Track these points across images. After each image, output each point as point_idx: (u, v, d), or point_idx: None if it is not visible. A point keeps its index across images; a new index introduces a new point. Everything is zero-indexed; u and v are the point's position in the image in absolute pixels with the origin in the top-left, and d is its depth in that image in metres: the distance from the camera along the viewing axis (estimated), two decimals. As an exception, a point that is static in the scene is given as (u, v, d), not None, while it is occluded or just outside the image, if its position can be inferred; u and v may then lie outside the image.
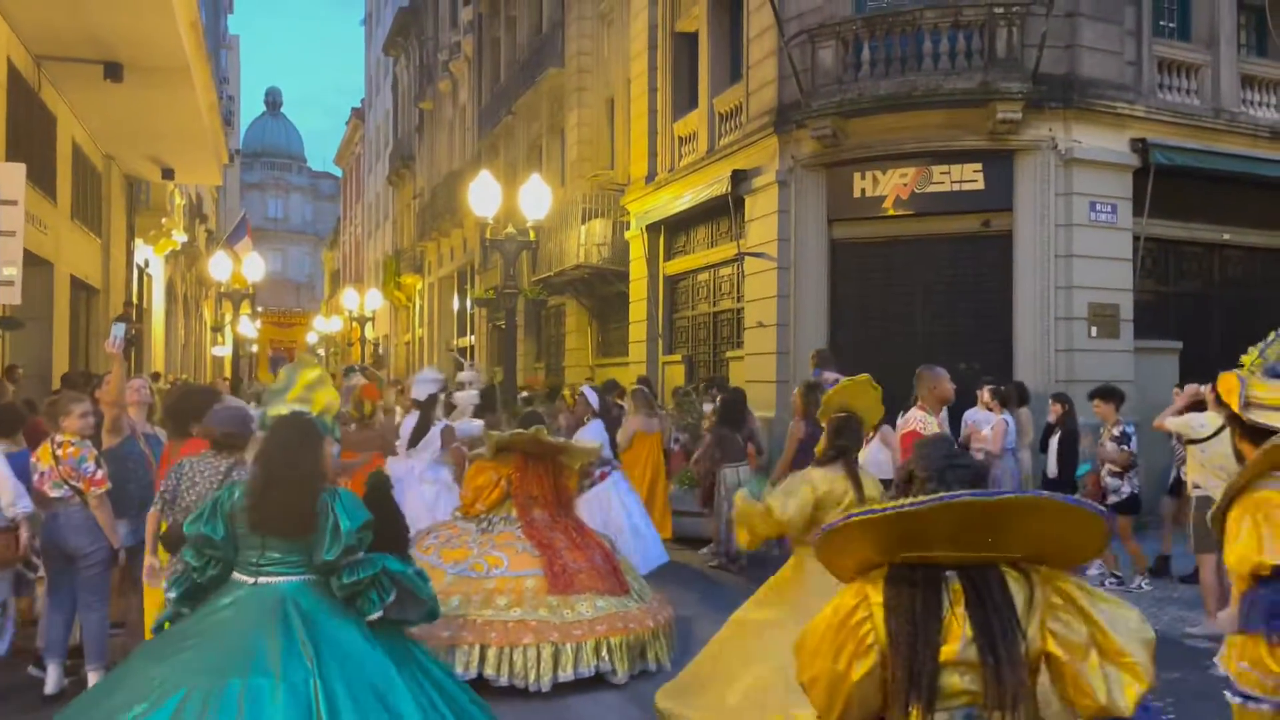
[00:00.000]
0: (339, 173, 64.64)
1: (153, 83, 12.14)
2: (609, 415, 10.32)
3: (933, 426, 6.18)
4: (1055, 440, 9.07)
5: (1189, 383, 7.98)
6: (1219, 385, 3.59)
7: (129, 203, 18.36)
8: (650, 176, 16.71)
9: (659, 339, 16.79)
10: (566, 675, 5.52)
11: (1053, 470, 9.05)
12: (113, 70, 11.46)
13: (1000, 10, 11.51)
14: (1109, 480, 8.46)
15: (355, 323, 31.19)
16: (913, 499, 2.23)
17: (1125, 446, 8.40)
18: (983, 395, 9.49)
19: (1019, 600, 2.22)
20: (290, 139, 78.58)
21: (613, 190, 18.84)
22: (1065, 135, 11.70)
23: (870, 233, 12.83)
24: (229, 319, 21.60)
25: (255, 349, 30.04)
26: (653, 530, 8.47)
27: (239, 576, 3.57)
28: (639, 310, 17.12)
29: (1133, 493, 8.44)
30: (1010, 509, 2.16)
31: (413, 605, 3.69)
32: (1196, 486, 7.01)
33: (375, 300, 32.83)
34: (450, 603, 5.57)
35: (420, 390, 8.53)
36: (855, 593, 2.31)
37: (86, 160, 15.11)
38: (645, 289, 16.93)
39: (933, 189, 12.14)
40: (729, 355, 14.68)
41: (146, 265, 21.21)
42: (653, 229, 16.69)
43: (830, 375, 9.40)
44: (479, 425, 7.89)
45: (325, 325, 42.95)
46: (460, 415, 8.92)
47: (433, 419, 8.24)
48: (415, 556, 4.92)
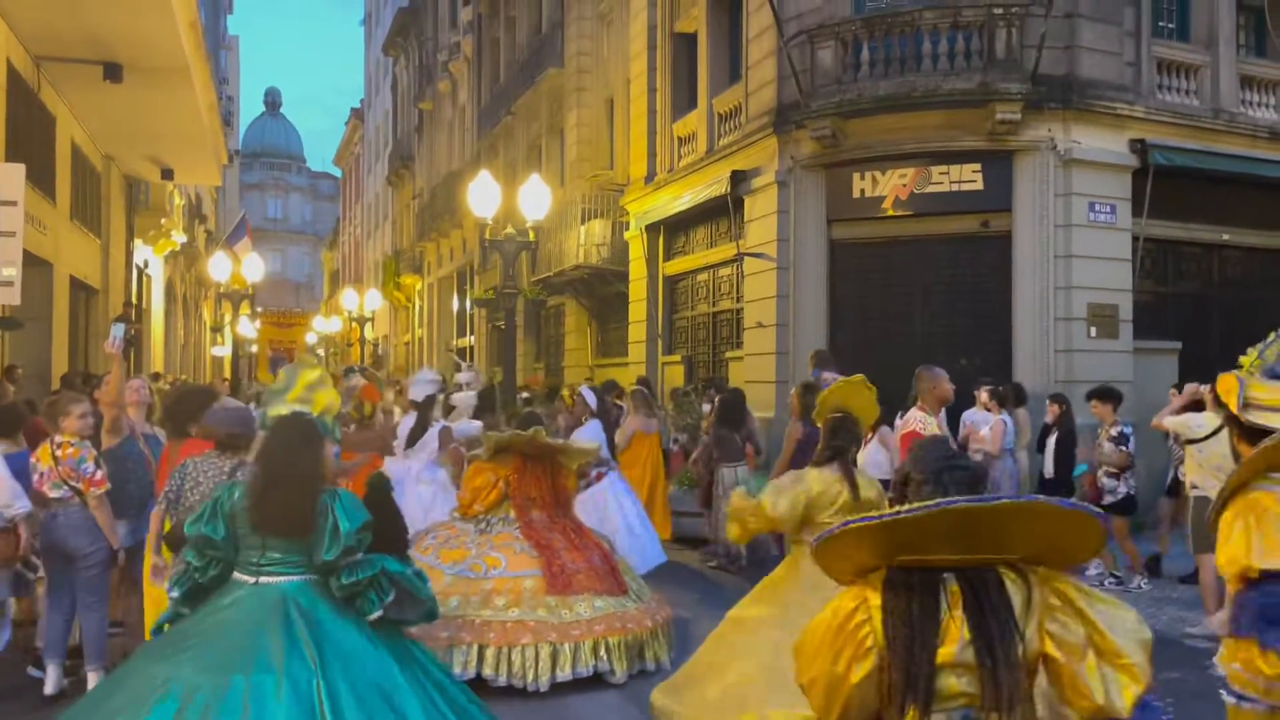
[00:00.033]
0: (338, 173, 64.64)
1: (152, 83, 12.13)
2: (607, 416, 10.33)
3: (932, 427, 6.17)
4: (1052, 441, 9.08)
5: (1188, 383, 8.00)
6: (1218, 386, 3.59)
7: (128, 203, 18.35)
8: (650, 177, 16.71)
9: (658, 339, 16.79)
10: (565, 675, 5.53)
11: (1049, 471, 9.05)
12: (112, 71, 11.46)
13: (999, 11, 11.52)
14: (1105, 481, 8.47)
15: (354, 323, 31.18)
16: (908, 505, 2.23)
17: (1123, 447, 8.40)
18: (981, 396, 9.51)
19: (1017, 602, 2.22)
20: (290, 139, 78.57)
21: (612, 190, 18.83)
22: (1064, 136, 11.71)
23: (869, 233, 12.84)
24: (228, 319, 21.60)
25: (255, 349, 30.01)
26: (650, 531, 8.46)
27: (240, 576, 3.57)
28: (638, 310, 17.12)
29: (1128, 493, 8.45)
30: (1006, 513, 2.16)
31: (411, 606, 3.69)
32: (1194, 486, 7.02)
33: (375, 301, 32.81)
34: (449, 603, 5.58)
35: (418, 391, 8.54)
36: (854, 596, 2.31)
37: (86, 161, 15.11)
38: (645, 289, 16.93)
39: (932, 189, 12.15)
40: (728, 356, 14.68)
41: (146, 265, 21.21)
42: (652, 229, 16.69)
43: (829, 376, 9.39)
44: (477, 426, 7.91)
45: (324, 326, 42.93)
46: (459, 416, 8.92)
47: (430, 420, 8.24)
48: (414, 557, 4.93)
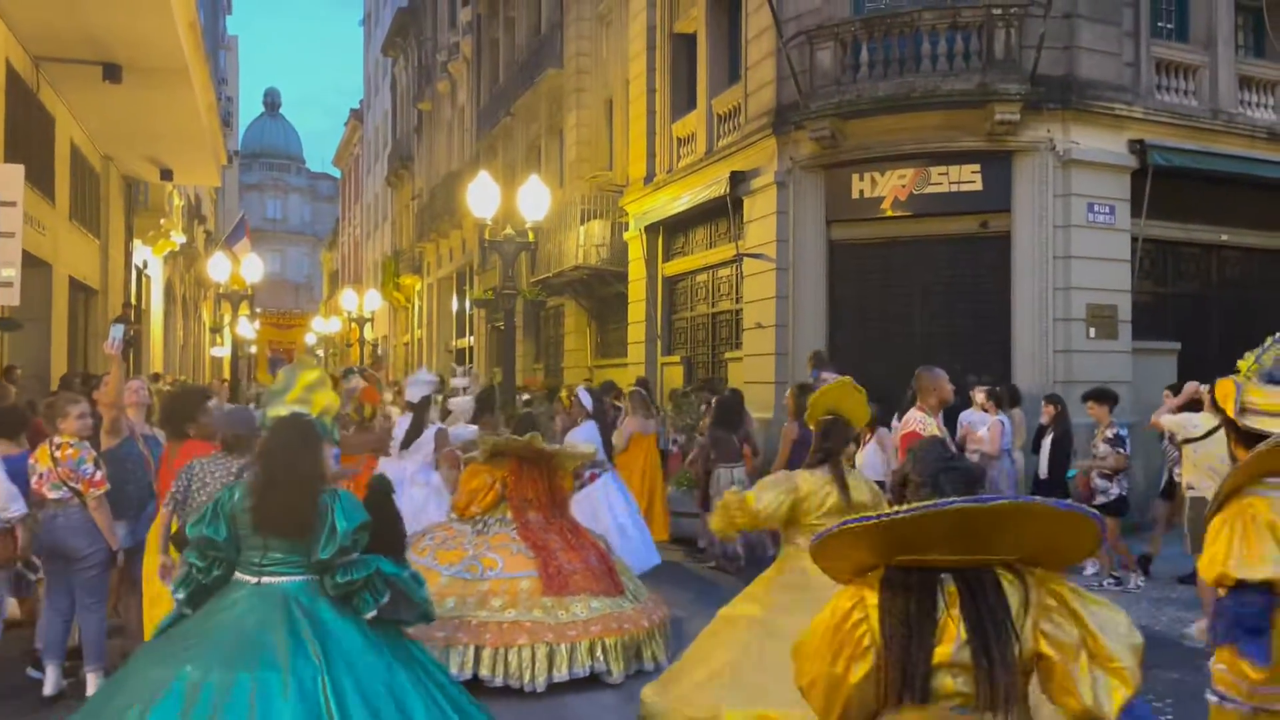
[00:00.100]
0: (337, 173, 64.64)
1: (151, 83, 12.14)
2: (604, 416, 10.32)
3: (932, 428, 6.17)
4: (1048, 441, 9.09)
5: (1187, 382, 8.02)
6: (1216, 391, 3.60)
7: (127, 204, 18.36)
8: (649, 177, 16.71)
9: (658, 340, 16.79)
10: (561, 676, 5.54)
11: (1044, 471, 9.07)
12: (111, 71, 11.47)
13: (998, 11, 11.52)
14: (1098, 482, 8.47)
15: (354, 324, 31.17)
16: (906, 506, 2.24)
17: (1120, 449, 8.41)
18: (977, 396, 9.51)
19: (1013, 602, 2.22)
20: (289, 140, 78.58)
21: (611, 191, 18.83)
22: (1063, 136, 11.71)
23: (869, 234, 12.84)
24: (228, 320, 21.57)
25: (254, 350, 29.97)
26: (644, 532, 8.44)
27: (242, 576, 3.58)
28: (638, 311, 17.12)
29: (1121, 495, 8.46)
30: (1003, 514, 2.17)
31: (407, 608, 3.70)
32: (1190, 487, 7.03)
33: (374, 301, 32.78)
34: (446, 604, 5.58)
35: (413, 392, 8.51)
36: (851, 595, 2.31)
37: (85, 161, 15.11)
38: (644, 290, 16.92)
39: (931, 190, 12.15)
40: (728, 356, 14.68)
41: (145, 266, 21.21)
42: (651, 230, 16.70)
43: (828, 376, 9.40)
44: (473, 431, 7.88)
45: (324, 326, 42.89)
46: (455, 421, 8.91)
47: (426, 421, 8.20)
48: (410, 558, 4.93)
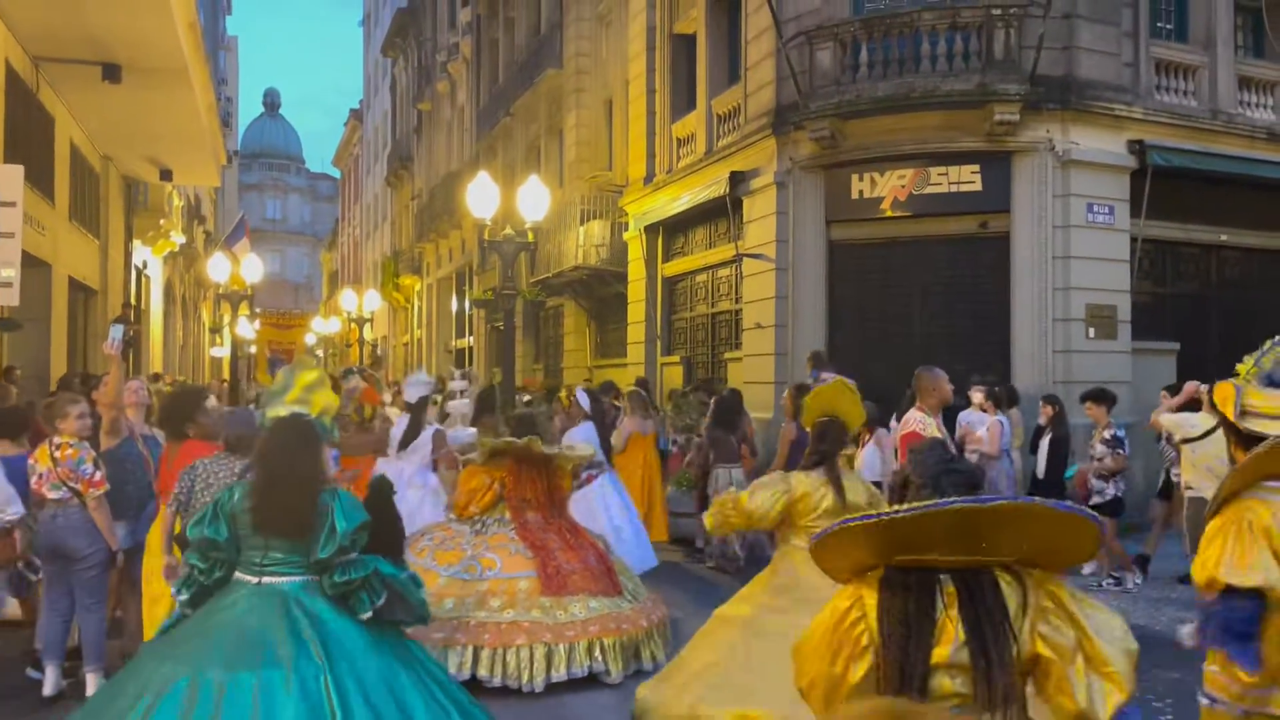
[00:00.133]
0: (337, 174, 64.63)
1: (151, 84, 12.14)
2: (603, 417, 10.29)
3: (932, 428, 6.17)
4: (1046, 441, 9.10)
5: (1188, 382, 8.01)
6: (1214, 395, 3.58)
7: (127, 204, 18.35)
8: (648, 178, 16.71)
9: (657, 340, 16.79)
10: (560, 676, 5.54)
11: (1042, 472, 9.08)
12: (111, 71, 11.46)
13: (998, 12, 11.53)
14: (1094, 482, 8.48)
15: (353, 324, 31.15)
16: (906, 505, 2.25)
17: (1120, 450, 8.41)
18: (975, 396, 9.50)
19: (1011, 604, 2.23)
20: (288, 140, 78.58)
21: (611, 191, 18.83)
22: (1063, 137, 11.72)
23: (868, 234, 12.84)
24: (227, 320, 21.54)
25: (254, 350, 29.93)
26: (640, 534, 8.42)
27: (242, 576, 3.59)
28: (637, 311, 17.12)
29: (1117, 495, 8.46)
30: (1003, 514, 2.17)
31: (403, 609, 3.71)
32: (1189, 487, 7.03)
33: (373, 301, 32.75)
34: (444, 604, 5.59)
35: (411, 393, 8.49)
36: (849, 595, 2.32)
37: (84, 161, 15.11)
38: (644, 290, 16.93)
39: (930, 190, 12.15)
40: (727, 356, 14.68)
41: (145, 266, 21.21)
42: (651, 230, 16.70)
43: (827, 376, 9.39)
44: (471, 434, 7.88)
45: (324, 326, 42.87)
46: (454, 423, 8.89)
47: (423, 422, 8.16)
48: (409, 559, 4.93)
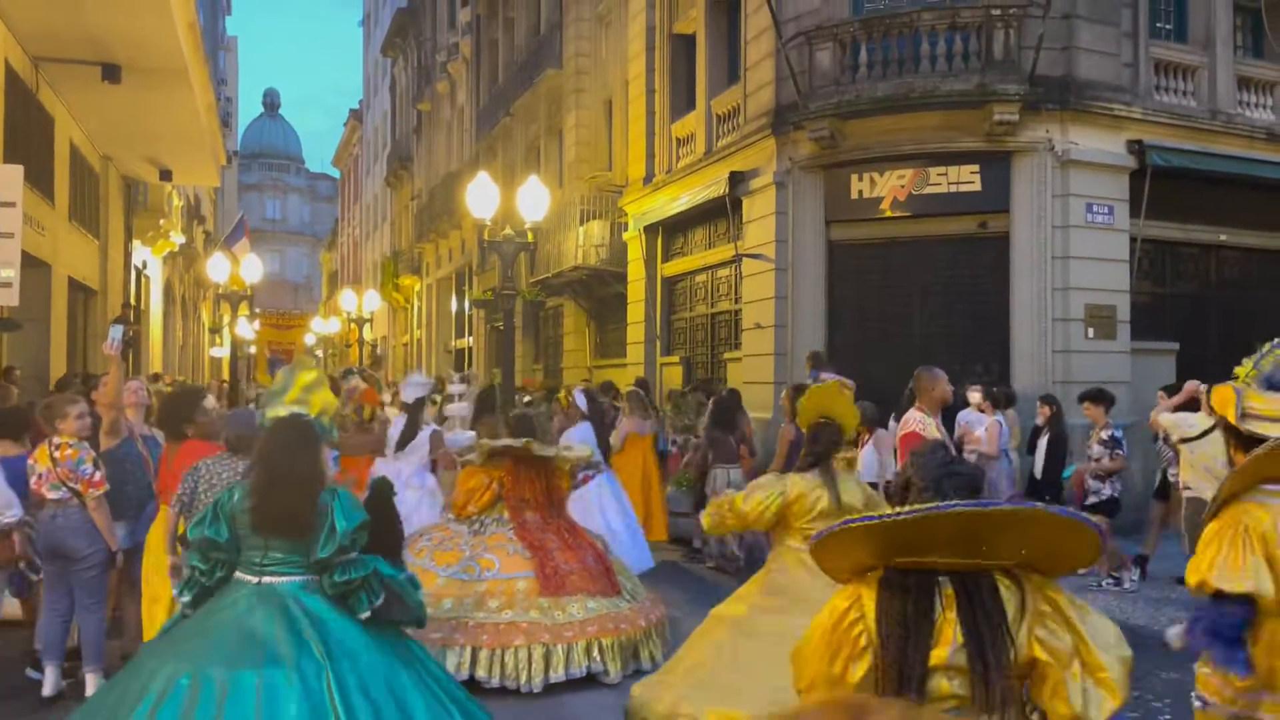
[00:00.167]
0: (337, 174, 64.62)
1: (151, 84, 12.13)
2: (600, 417, 10.27)
3: (931, 428, 6.18)
4: (1043, 442, 9.10)
5: (1187, 382, 8.00)
6: (1213, 398, 3.57)
7: (127, 204, 18.35)
8: (648, 178, 16.71)
9: (657, 340, 16.79)
10: (558, 676, 5.54)
11: (1039, 472, 9.08)
12: (110, 71, 11.45)
13: (997, 12, 11.52)
14: (1090, 482, 8.49)
15: (353, 324, 31.15)
16: (908, 507, 2.25)
17: (1119, 450, 8.42)
18: (972, 397, 9.50)
19: (1009, 607, 2.23)
20: (288, 140, 78.58)
21: (610, 192, 18.83)
22: (1062, 137, 11.71)
23: (868, 234, 12.84)
24: (227, 320, 21.54)
25: (253, 351, 29.93)
26: (636, 535, 8.41)
27: (243, 576, 3.60)
28: (637, 311, 17.11)
29: (1112, 495, 8.47)
30: (1003, 519, 2.17)
31: (400, 610, 3.72)
32: (1187, 487, 7.03)
33: (373, 301, 32.76)
34: (443, 605, 5.59)
35: (408, 393, 8.48)
36: (848, 595, 2.32)
37: (84, 161, 15.11)
38: (643, 290, 16.92)
39: (930, 190, 12.15)
40: (727, 357, 14.68)
41: (144, 267, 21.21)
42: (650, 230, 16.69)
43: (826, 377, 9.39)
44: (470, 437, 7.89)
45: (323, 327, 42.89)
46: (452, 427, 8.88)
47: (420, 423, 8.14)
48: (408, 559, 4.94)
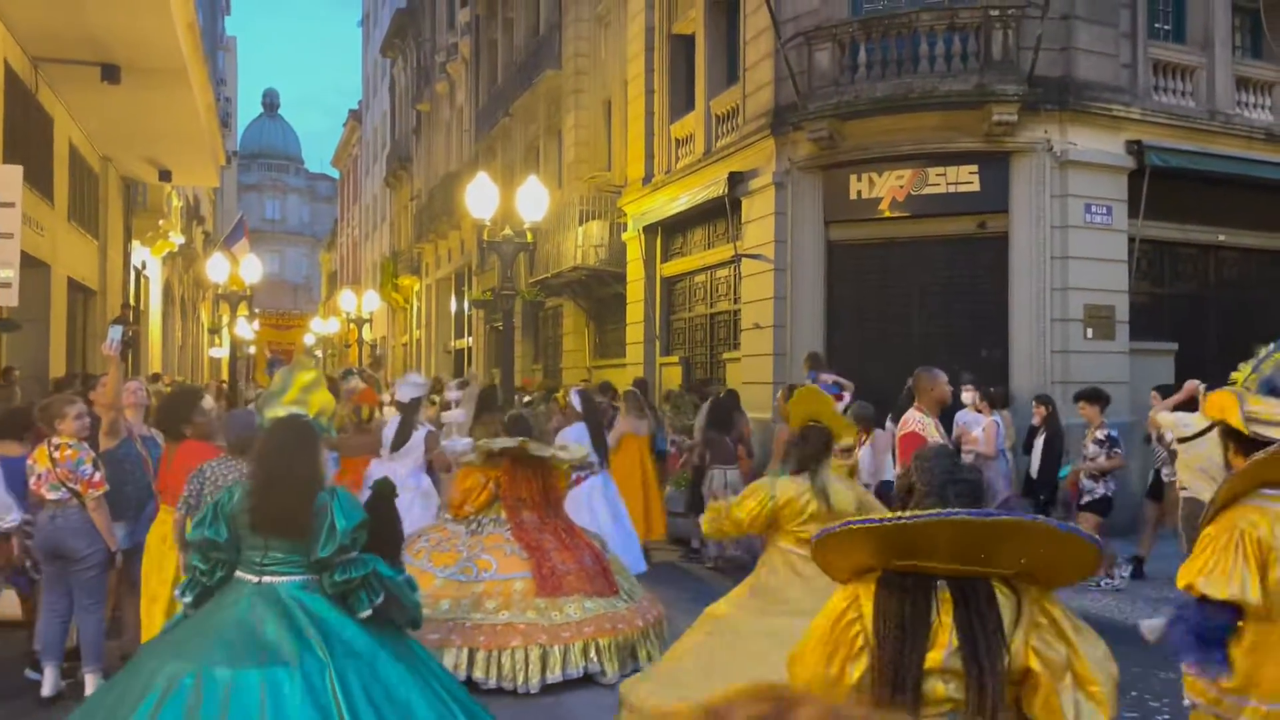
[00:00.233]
0: (336, 174, 64.62)
1: (150, 84, 12.13)
2: (596, 417, 10.22)
3: (931, 429, 6.19)
4: (1040, 442, 9.12)
5: (1187, 381, 8.00)
6: (1209, 402, 3.54)
7: (126, 204, 18.35)
8: (647, 178, 16.72)
9: (656, 341, 16.79)
10: (555, 677, 5.55)
11: (1035, 472, 9.09)
12: (110, 72, 11.46)
13: (996, 13, 11.53)
14: (1084, 482, 8.51)
15: (353, 324, 31.19)
16: (910, 512, 2.26)
17: (1117, 449, 8.42)
18: (966, 396, 9.50)
19: (1006, 615, 2.24)
20: (287, 140, 78.57)
21: (610, 192, 18.83)
22: (1061, 137, 11.72)
23: (867, 234, 12.85)
24: (226, 321, 21.54)
25: (253, 351, 29.92)
26: (629, 538, 8.40)
27: (243, 575, 3.61)
28: (636, 312, 17.12)
29: (1105, 494, 8.48)
30: (1004, 529, 2.18)
31: (397, 611, 3.73)
32: (1184, 488, 7.03)
33: (373, 302, 32.82)
34: (440, 606, 5.60)
35: (403, 394, 8.47)
36: (846, 595, 2.33)
37: (83, 162, 15.11)
38: (642, 290, 16.92)
39: (929, 191, 12.16)
40: (726, 357, 14.68)
41: (144, 267, 21.21)
42: (650, 230, 16.70)
43: (826, 377, 9.42)
44: (468, 443, 7.89)
45: (322, 327, 42.91)
46: (449, 433, 8.87)
47: (415, 423, 8.12)
48: (406, 560, 4.94)
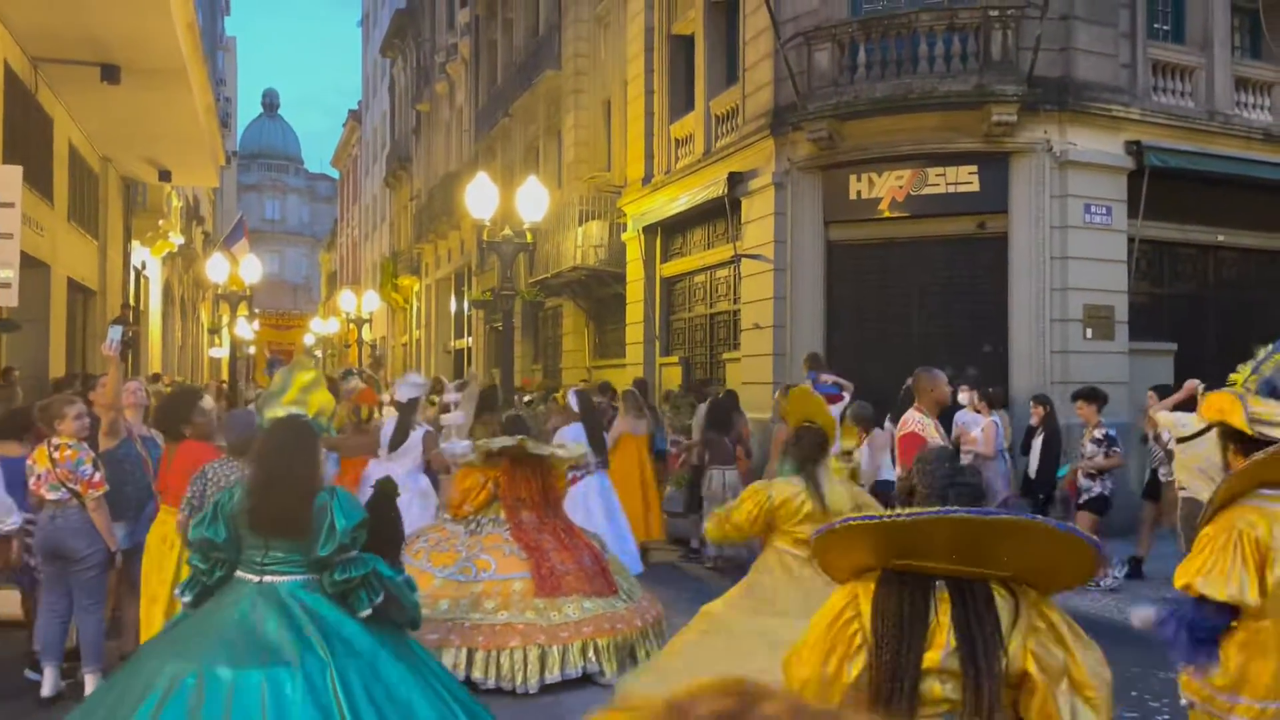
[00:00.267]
0: (336, 174, 64.62)
1: (150, 84, 12.12)
2: (594, 417, 10.21)
3: (931, 429, 6.19)
4: (1038, 442, 9.12)
5: (1187, 381, 8.00)
6: (1208, 407, 3.52)
7: (126, 205, 18.34)
8: (647, 178, 16.72)
9: (656, 341, 16.79)
10: (554, 677, 5.56)
11: (1034, 471, 9.10)
12: (109, 72, 11.44)
13: (995, 13, 11.53)
14: (1082, 481, 8.51)
15: (352, 324, 31.19)
16: (909, 510, 2.26)
17: (1115, 448, 8.43)
18: (962, 396, 9.51)
19: (1003, 617, 2.24)
20: (287, 140, 78.56)
21: (609, 192, 18.83)
22: (1060, 137, 11.73)
23: (866, 235, 12.85)
24: (226, 321, 21.55)
25: (253, 351, 29.92)
26: (625, 540, 8.39)
27: (244, 575, 3.62)
28: (636, 312, 17.12)
29: (1102, 493, 8.49)
30: (1003, 529, 2.19)
31: (396, 611, 3.74)
32: (1182, 487, 7.04)
33: (372, 302, 32.82)
34: (439, 606, 5.60)
35: (401, 393, 8.46)
36: (845, 594, 2.33)
37: (83, 162, 15.10)
38: (642, 291, 16.93)
39: (928, 191, 12.16)
40: (726, 357, 14.69)
41: (143, 267, 21.20)
42: (649, 231, 16.70)
43: (825, 378, 9.41)
44: (467, 445, 7.90)
45: (322, 327, 42.91)
46: (448, 436, 8.86)
47: (412, 423, 8.10)
48: (405, 560, 4.95)
